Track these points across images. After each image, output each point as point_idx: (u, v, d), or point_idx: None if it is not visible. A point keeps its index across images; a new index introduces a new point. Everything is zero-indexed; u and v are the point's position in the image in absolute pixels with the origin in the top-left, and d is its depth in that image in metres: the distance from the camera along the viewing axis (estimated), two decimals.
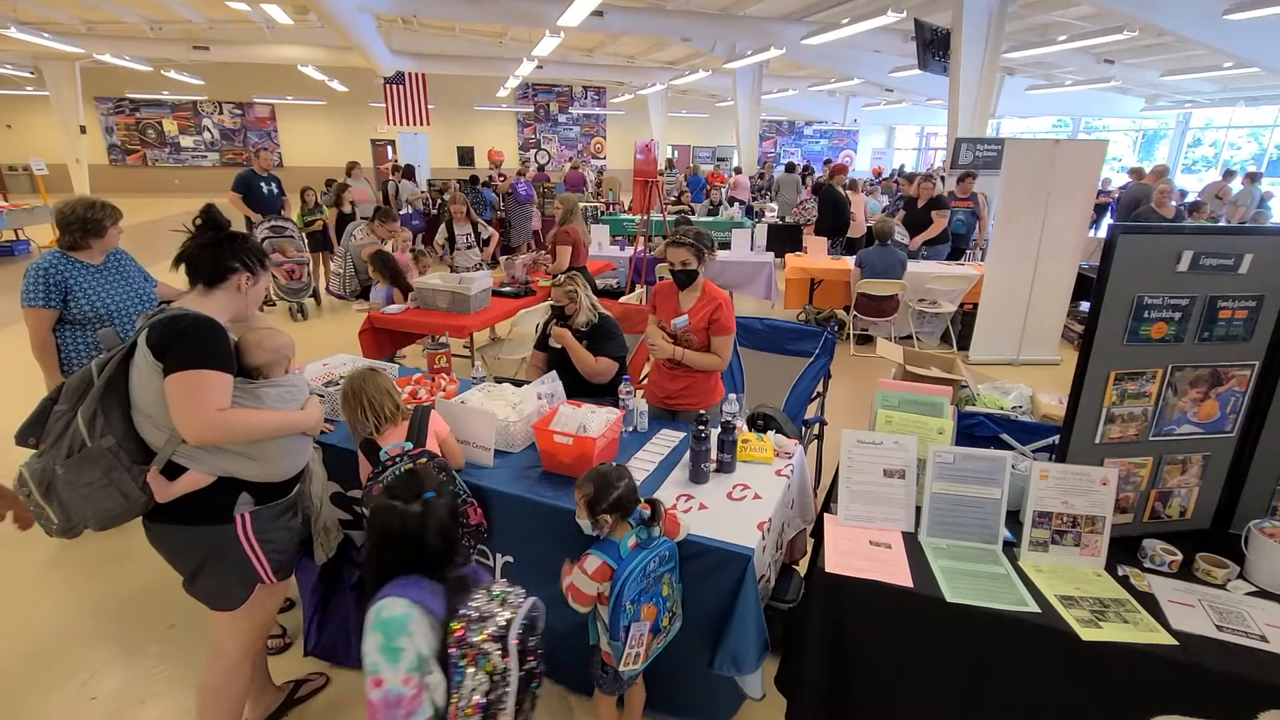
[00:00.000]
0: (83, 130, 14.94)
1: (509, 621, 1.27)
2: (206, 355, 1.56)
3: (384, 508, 1.37)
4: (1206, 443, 1.83)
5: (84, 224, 2.50)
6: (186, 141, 19.60)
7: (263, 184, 6.79)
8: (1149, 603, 1.60)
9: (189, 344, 1.55)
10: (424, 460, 1.96)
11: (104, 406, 1.58)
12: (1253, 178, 9.44)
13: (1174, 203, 6.01)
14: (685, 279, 2.61)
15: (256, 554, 1.72)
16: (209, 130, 19.68)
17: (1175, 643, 1.47)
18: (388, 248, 4.80)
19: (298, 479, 1.84)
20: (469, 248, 5.79)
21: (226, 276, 1.68)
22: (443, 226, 5.79)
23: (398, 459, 1.93)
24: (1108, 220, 10.76)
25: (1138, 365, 1.74)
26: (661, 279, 2.84)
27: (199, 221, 1.69)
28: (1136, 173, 9.74)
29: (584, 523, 1.73)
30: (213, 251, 1.66)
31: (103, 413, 1.57)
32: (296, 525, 1.86)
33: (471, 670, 1.24)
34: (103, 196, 2.69)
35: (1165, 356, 1.74)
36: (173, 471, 1.63)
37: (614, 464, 1.79)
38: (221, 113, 19.60)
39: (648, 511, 1.77)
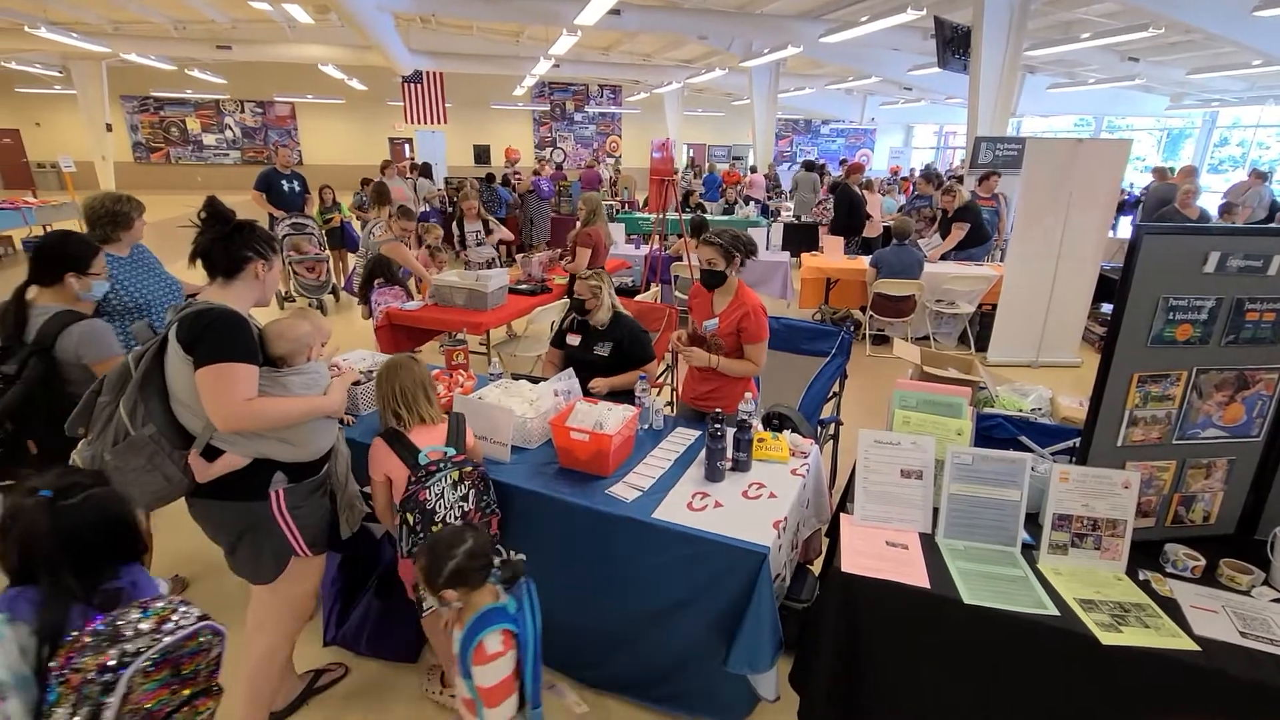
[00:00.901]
0: (109, 128, 15.23)
1: (137, 652, 1.06)
2: (232, 348, 1.63)
3: (10, 501, 1.17)
4: (1232, 447, 1.80)
5: (113, 217, 2.57)
6: (209, 139, 19.91)
7: (284, 181, 6.89)
8: (1171, 608, 1.58)
9: (215, 338, 1.62)
10: (470, 469, 1.93)
11: (143, 397, 1.66)
12: (1261, 177, 9.15)
13: (1198, 203, 5.90)
14: (711, 279, 2.60)
15: (290, 527, 1.82)
16: (231, 128, 19.98)
17: (1197, 648, 1.45)
18: (409, 243, 4.88)
19: (327, 458, 1.93)
20: (478, 244, 5.86)
21: (242, 267, 1.74)
22: (455, 224, 5.86)
23: (441, 464, 1.88)
24: (1126, 221, 10.58)
25: (1161, 367, 1.72)
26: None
27: (203, 215, 1.74)
28: (1160, 173, 9.54)
29: (430, 601, 1.51)
30: (225, 244, 1.72)
31: (142, 402, 1.66)
32: (326, 503, 1.95)
33: (71, 696, 1.04)
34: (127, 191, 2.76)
35: (1190, 359, 1.72)
36: (212, 454, 1.72)
37: (460, 524, 1.52)
38: (243, 111, 19.89)
39: (506, 573, 1.51)
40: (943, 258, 6.59)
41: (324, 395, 1.84)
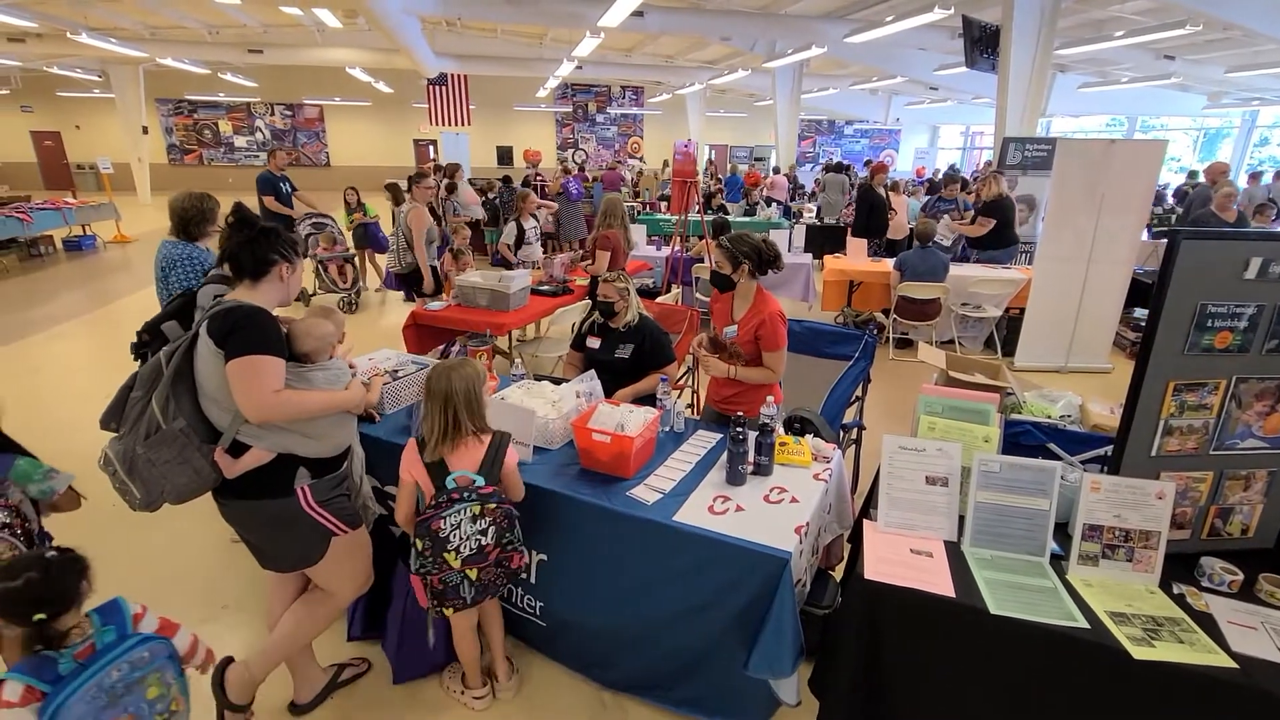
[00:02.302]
0: (145, 131, 15.63)
1: None
2: (262, 342, 1.71)
3: None
4: (1272, 458, 1.74)
5: (203, 214, 2.81)
6: (240, 141, 20.36)
7: (282, 184, 7.01)
8: (1206, 623, 1.54)
9: (246, 333, 1.69)
10: (493, 505, 1.84)
11: (174, 392, 1.73)
12: (1255, 177, 8.84)
13: (1237, 205, 5.73)
14: (720, 282, 2.61)
15: (324, 516, 1.89)
16: (261, 130, 20.40)
17: (1235, 665, 1.41)
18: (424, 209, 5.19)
19: (346, 455, 1.99)
20: (536, 240, 6.01)
21: (268, 269, 1.82)
22: (511, 225, 5.88)
23: (465, 494, 1.82)
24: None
25: (1199, 376, 1.67)
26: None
27: (231, 220, 1.82)
28: (1207, 172, 9.30)
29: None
30: (252, 248, 1.79)
31: (173, 398, 1.73)
32: (348, 499, 2.00)
33: None
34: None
35: (1229, 367, 1.67)
36: (237, 450, 1.79)
37: (42, 553, 1.37)
38: (273, 114, 20.29)
39: (43, 633, 1.30)
40: (963, 258, 6.51)
41: (345, 390, 1.91)
